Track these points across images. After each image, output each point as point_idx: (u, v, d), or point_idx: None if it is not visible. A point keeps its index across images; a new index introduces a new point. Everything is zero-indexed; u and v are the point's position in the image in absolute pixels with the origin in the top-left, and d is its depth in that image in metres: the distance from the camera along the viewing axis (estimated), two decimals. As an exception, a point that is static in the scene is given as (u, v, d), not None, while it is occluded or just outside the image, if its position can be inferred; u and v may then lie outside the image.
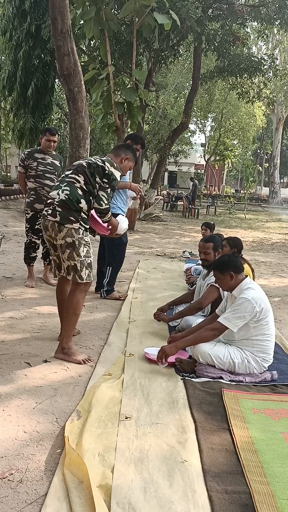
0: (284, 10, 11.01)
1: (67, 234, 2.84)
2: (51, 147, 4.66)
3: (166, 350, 2.79)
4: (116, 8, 9.63)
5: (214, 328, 2.79)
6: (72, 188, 2.88)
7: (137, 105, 6.66)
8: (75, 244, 2.85)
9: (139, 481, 1.72)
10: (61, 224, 2.84)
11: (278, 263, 7.66)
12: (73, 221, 2.85)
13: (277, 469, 1.85)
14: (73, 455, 1.82)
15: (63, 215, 2.85)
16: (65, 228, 2.84)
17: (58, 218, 2.84)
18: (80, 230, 2.88)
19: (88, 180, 2.92)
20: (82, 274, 2.88)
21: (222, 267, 2.88)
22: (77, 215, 2.87)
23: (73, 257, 2.86)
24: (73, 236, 2.85)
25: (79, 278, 2.88)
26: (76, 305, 2.93)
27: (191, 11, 9.22)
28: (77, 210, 2.87)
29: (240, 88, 13.91)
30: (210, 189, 32.33)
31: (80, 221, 2.89)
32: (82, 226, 2.90)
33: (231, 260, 2.91)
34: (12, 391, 2.43)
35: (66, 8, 4.75)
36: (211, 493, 1.68)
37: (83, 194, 2.90)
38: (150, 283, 5.43)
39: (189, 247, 8.94)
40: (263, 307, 2.76)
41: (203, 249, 3.63)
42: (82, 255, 2.88)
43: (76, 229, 2.86)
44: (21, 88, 11.78)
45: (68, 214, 2.85)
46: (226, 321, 2.74)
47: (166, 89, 20.45)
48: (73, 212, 2.87)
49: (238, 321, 2.73)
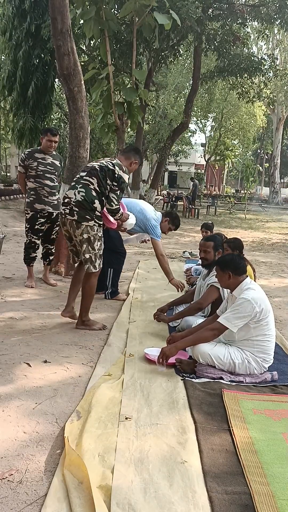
0: (284, 9, 11.00)
1: (84, 231, 3.35)
2: (51, 147, 4.66)
3: (167, 351, 2.78)
4: (116, 7, 9.62)
5: (214, 328, 2.79)
6: (87, 190, 3.33)
7: (137, 105, 6.66)
8: (90, 239, 3.38)
9: (139, 482, 1.72)
10: (78, 222, 3.33)
11: (279, 263, 7.65)
12: (88, 219, 3.34)
13: (277, 469, 1.84)
14: (73, 456, 1.81)
15: (80, 215, 3.32)
16: (82, 225, 3.34)
17: (76, 217, 3.33)
18: (94, 227, 3.38)
19: (101, 182, 3.35)
20: (96, 264, 3.44)
21: (223, 265, 2.88)
22: (92, 214, 3.35)
23: (89, 251, 3.39)
24: (89, 232, 3.36)
25: (93, 268, 3.44)
26: (91, 288, 3.52)
27: (191, 11, 9.21)
28: (91, 209, 3.34)
29: (240, 88, 13.90)
30: (210, 189, 32.29)
31: (94, 219, 3.37)
32: (96, 223, 3.39)
33: (234, 261, 2.91)
34: (12, 392, 2.43)
35: (66, 8, 4.74)
36: (211, 493, 1.67)
37: (97, 195, 3.35)
38: (150, 283, 5.43)
39: (189, 247, 8.93)
40: (263, 308, 2.76)
41: (204, 248, 3.62)
42: (96, 249, 3.42)
43: (91, 226, 3.36)
44: (21, 88, 11.76)
45: (85, 213, 3.33)
46: (226, 321, 2.74)
47: (166, 89, 20.42)
48: (89, 211, 3.34)
49: (238, 321, 2.73)
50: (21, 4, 11.20)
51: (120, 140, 6.95)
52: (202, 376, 2.73)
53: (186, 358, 2.94)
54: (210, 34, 11.87)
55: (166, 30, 7.11)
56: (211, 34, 11.89)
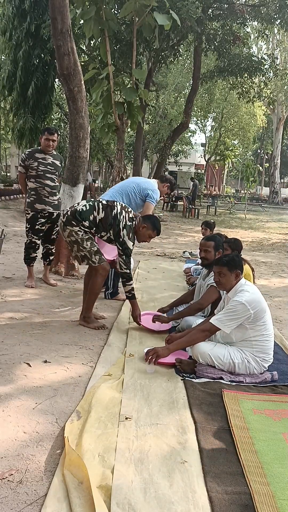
0: (285, 10, 11.00)
1: (70, 234, 3.44)
2: (50, 146, 4.65)
3: (159, 351, 2.81)
4: (116, 7, 9.62)
5: (205, 330, 2.81)
6: (89, 210, 3.44)
7: (137, 105, 6.65)
8: (78, 241, 3.44)
9: (139, 482, 1.72)
10: (65, 225, 3.45)
11: (279, 264, 7.65)
12: (74, 225, 3.42)
13: (277, 469, 1.84)
14: (73, 456, 1.81)
15: (68, 219, 3.43)
16: (67, 229, 3.44)
17: (64, 219, 3.46)
18: (79, 232, 3.43)
19: (105, 222, 3.44)
20: (94, 259, 3.48)
21: (232, 265, 2.85)
22: (78, 223, 3.42)
23: (80, 249, 3.46)
24: (74, 236, 3.43)
25: (92, 263, 3.49)
26: (96, 286, 3.56)
27: (191, 11, 9.21)
28: (79, 221, 3.42)
29: (241, 88, 13.89)
30: (210, 189, 32.27)
31: (80, 226, 3.42)
32: (81, 229, 3.44)
33: (240, 260, 2.91)
34: (12, 392, 2.43)
35: (66, 8, 4.73)
36: (211, 493, 1.68)
37: (93, 221, 3.44)
38: (150, 283, 5.43)
39: (189, 247, 8.94)
40: (258, 309, 2.75)
41: (204, 247, 3.59)
42: (88, 247, 3.45)
43: (76, 231, 3.42)
44: (21, 87, 11.77)
45: (72, 219, 3.42)
46: (219, 322, 2.75)
47: (166, 89, 20.43)
48: (76, 220, 3.43)
49: (230, 323, 2.73)
50: (21, 4, 11.21)
51: (120, 140, 6.94)
52: (202, 376, 2.73)
53: (186, 358, 2.94)
54: (210, 34, 11.87)
55: (166, 30, 7.11)
56: (211, 34, 11.89)
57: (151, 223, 3.55)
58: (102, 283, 3.61)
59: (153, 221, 3.57)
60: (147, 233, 3.56)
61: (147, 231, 3.54)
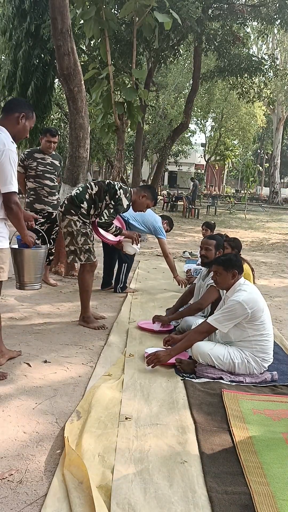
0: (285, 10, 10.99)
1: (67, 224, 3.48)
2: (51, 147, 4.66)
3: (160, 357, 2.80)
4: (116, 7, 9.61)
5: (203, 331, 2.81)
6: (83, 191, 3.51)
7: (137, 105, 6.64)
8: (73, 233, 3.48)
9: (139, 482, 1.72)
10: (64, 215, 3.49)
11: (279, 264, 7.65)
12: (73, 214, 3.46)
13: (277, 469, 1.84)
14: (73, 456, 1.81)
15: (66, 208, 3.49)
16: (66, 218, 3.48)
17: (63, 209, 3.51)
18: (78, 222, 3.47)
19: (100, 193, 3.49)
20: (82, 257, 3.53)
21: (228, 264, 2.86)
22: (77, 210, 3.46)
23: (72, 244, 3.50)
24: (72, 226, 3.46)
25: (78, 260, 3.54)
26: (85, 283, 3.61)
27: (191, 11, 9.20)
28: (77, 206, 3.46)
29: (241, 88, 13.88)
30: (210, 189, 32.31)
31: (79, 215, 3.47)
32: (80, 219, 3.48)
33: (238, 260, 2.91)
34: (12, 392, 2.43)
35: (66, 8, 4.74)
36: (211, 493, 1.67)
37: (89, 199, 3.49)
38: (150, 283, 5.43)
39: (189, 247, 8.94)
40: (255, 308, 2.75)
41: (206, 245, 3.61)
42: (80, 243, 3.50)
43: (74, 221, 3.46)
44: (21, 87, 11.77)
45: (70, 207, 3.47)
46: (216, 322, 2.76)
47: (166, 89, 20.42)
48: (74, 207, 3.46)
49: (227, 322, 2.74)
50: (21, 4, 11.21)
51: (120, 140, 6.93)
52: (202, 376, 2.73)
53: (186, 358, 2.94)
54: (210, 34, 11.85)
55: (166, 30, 7.10)
56: (211, 34, 11.87)
57: (150, 193, 3.73)
58: (90, 279, 3.64)
59: (152, 192, 3.76)
60: (146, 203, 3.70)
61: (146, 201, 3.70)
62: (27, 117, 2.56)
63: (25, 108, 2.55)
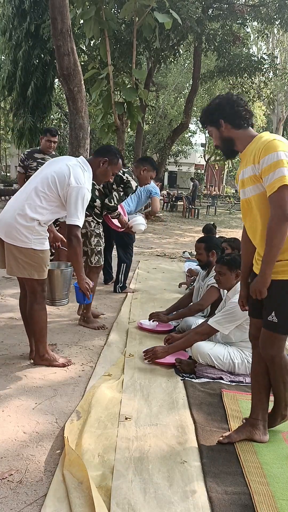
0: (284, 10, 11.00)
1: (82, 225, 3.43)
2: (51, 147, 4.66)
3: (157, 352, 2.81)
4: (116, 7, 9.62)
5: (204, 333, 2.81)
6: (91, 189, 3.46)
7: (137, 105, 6.65)
8: (87, 234, 3.50)
9: (138, 482, 1.72)
10: None
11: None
12: (87, 215, 3.40)
13: (277, 469, 1.85)
14: (72, 456, 1.81)
15: None
16: None
17: None
18: (92, 223, 3.51)
19: (106, 184, 3.49)
20: (92, 259, 3.56)
21: (233, 264, 2.85)
22: (90, 210, 3.46)
23: (85, 245, 3.50)
24: (86, 227, 3.47)
25: (90, 262, 3.56)
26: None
27: (191, 11, 9.21)
28: (91, 206, 3.43)
29: (240, 88, 13.90)
30: (210, 189, 32.28)
31: (93, 215, 3.51)
32: (95, 219, 3.53)
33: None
34: (11, 392, 2.43)
35: (66, 8, 4.74)
36: (211, 493, 1.68)
37: (99, 195, 3.54)
38: (150, 283, 5.42)
39: (189, 247, 8.93)
40: None
41: (196, 249, 3.68)
42: (93, 244, 3.54)
43: (89, 222, 3.49)
44: (21, 87, 11.79)
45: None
46: (217, 324, 2.75)
47: (166, 89, 20.42)
48: (88, 207, 3.33)
49: (228, 324, 2.73)
50: (21, 4, 11.23)
51: (120, 140, 6.95)
52: (202, 376, 2.73)
53: (186, 358, 2.94)
54: (210, 34, 11.86)
55: (166, 30, 7.12)
56: (211, 34, 11.88)
57: (149, 164, 3.84)
58: (96, 281, 3.66)
59: (150, 162, 3.87)
60: (148, 175, 3.86)
61: (149, 173, 3.85)
62: (110, 163, 2.88)
63: (110, 155, 2.87)
